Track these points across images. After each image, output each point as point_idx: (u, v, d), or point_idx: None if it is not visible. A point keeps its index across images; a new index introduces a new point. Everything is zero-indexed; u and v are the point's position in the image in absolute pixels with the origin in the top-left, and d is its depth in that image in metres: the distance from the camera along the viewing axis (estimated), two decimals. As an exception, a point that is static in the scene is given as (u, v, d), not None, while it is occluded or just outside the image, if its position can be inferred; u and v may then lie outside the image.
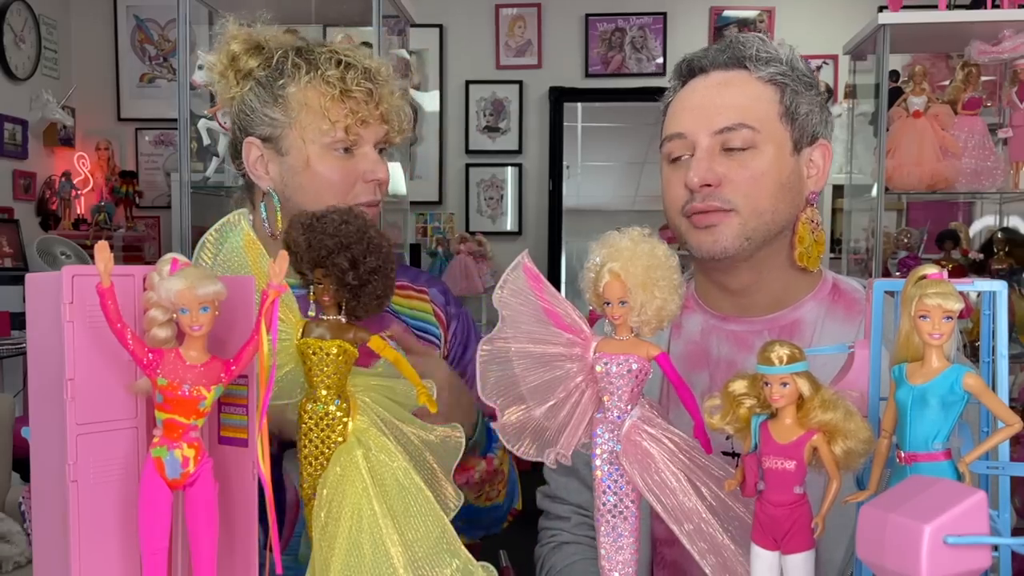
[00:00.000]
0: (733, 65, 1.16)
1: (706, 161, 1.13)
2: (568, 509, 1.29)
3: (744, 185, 1.12)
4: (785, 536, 0.71)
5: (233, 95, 1.27)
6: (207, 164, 2.66)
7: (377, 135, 1.26)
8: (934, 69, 3.16)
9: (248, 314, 0.75)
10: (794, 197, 1.16)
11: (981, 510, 0.60)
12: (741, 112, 1.13)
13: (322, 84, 1.21)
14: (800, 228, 1.17)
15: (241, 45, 1.26)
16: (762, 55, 1.15)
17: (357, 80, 1.22)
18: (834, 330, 1.16)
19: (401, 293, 1.36)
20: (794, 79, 1.16)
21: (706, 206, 1.13)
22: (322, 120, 1.21)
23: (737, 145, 1.12)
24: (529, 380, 0.80)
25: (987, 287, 0.72)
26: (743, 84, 1.15)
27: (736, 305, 1.21)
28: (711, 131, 1.14)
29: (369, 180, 1.25)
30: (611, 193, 6.97)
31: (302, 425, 0.81)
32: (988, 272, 3.03)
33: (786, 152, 1.15)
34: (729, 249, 1.13)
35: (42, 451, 0.72)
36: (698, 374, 1.20)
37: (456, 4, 5.06)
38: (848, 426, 0.69)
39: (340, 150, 1.23)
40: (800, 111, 1.15)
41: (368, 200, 1.25)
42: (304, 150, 1.22)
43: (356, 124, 1.22)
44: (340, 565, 0.75)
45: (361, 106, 1.22)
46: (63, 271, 0.68)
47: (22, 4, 4.52)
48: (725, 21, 5.04)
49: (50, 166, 4.81)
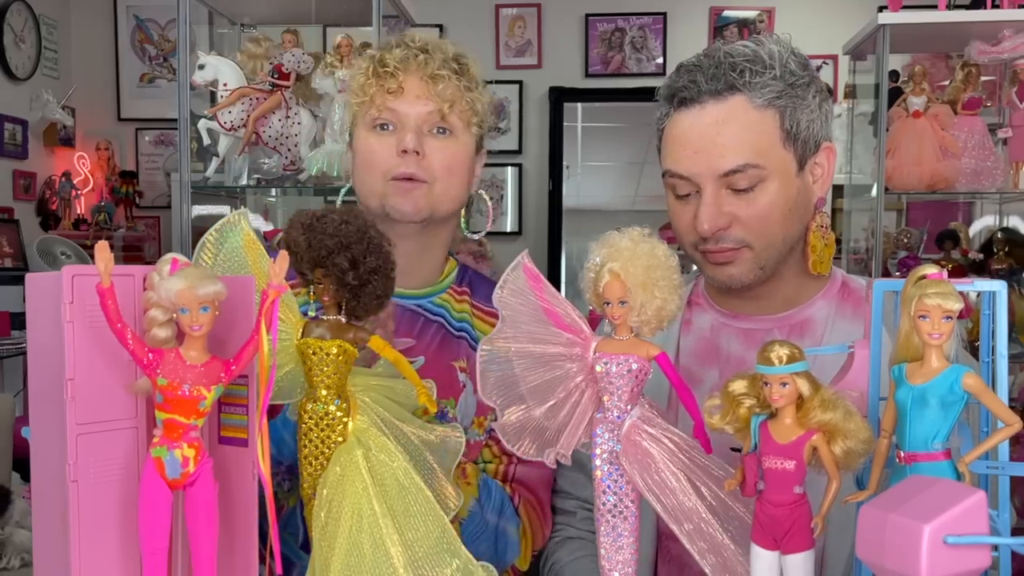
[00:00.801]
0: (727, 92, 1.10)
1: (714, 206, 1.10)
2: (574, 504, 1.29)
3: (754, 223, 1.11)
4: (785, 536, 0.71)
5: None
6: (207, 164, 2.66)
7: (420, 111, 1.19)
8: (934, 69, 3.15)
9: (248, 314, 0.75)
10: (802, 215, 1.16)
11: (981, 510, 0.60)
12: (744, 151, 1.09)
13: (364, 62, 1.22)
14: (811, 237, 1.18)
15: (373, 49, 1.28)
16: (756, 78, 1.10)
17: (398, 56, 1.19)
18: (844, 328, 1.17)
19: (490, 323, 1.30)
20: (791, 91, 1.11)
21: (718, 248, 1.13)
22: (359, 96, 1.21)
23: (744, 185, 1.10)
24: (529, 380, 0.80)
25: (987, 287, 0.72)
26: (742, 116, 1.10)
27: (747, 305, 1.22)
28: (716, 175, 1.10)
29: (400, 151, 1.19)
30: (611, 193, 6.97)
31: (302, 425, 0.80)
32: (988, 272, 3.03)
33: (791, 176, 1.13)
34: (744, 280, 1.15)
35: (42, 451, 0.72)
36: (708, 370, 1.22)
37: (456, 4, 5.05)
38: (848, 426, 0.69)
39: (378, 126, 1.21)
40: (801, 126, 1.12)
41: (402, 172, 1.18)
42: (356, 137, 1.24)
43: (385, 93, 1.19)
44: (340, 565, 0.75)
45: (390, 80, 1.19)
46: (63, 271, 0.68)
47: (22, 4, 4.52)
48: (725, 21, 5.04)
49: (50, 166, 4.81)
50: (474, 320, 1.30)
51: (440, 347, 1.24)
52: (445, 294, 1.29)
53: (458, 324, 1.27)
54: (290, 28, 2.56)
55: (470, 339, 1.27)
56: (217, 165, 2.61)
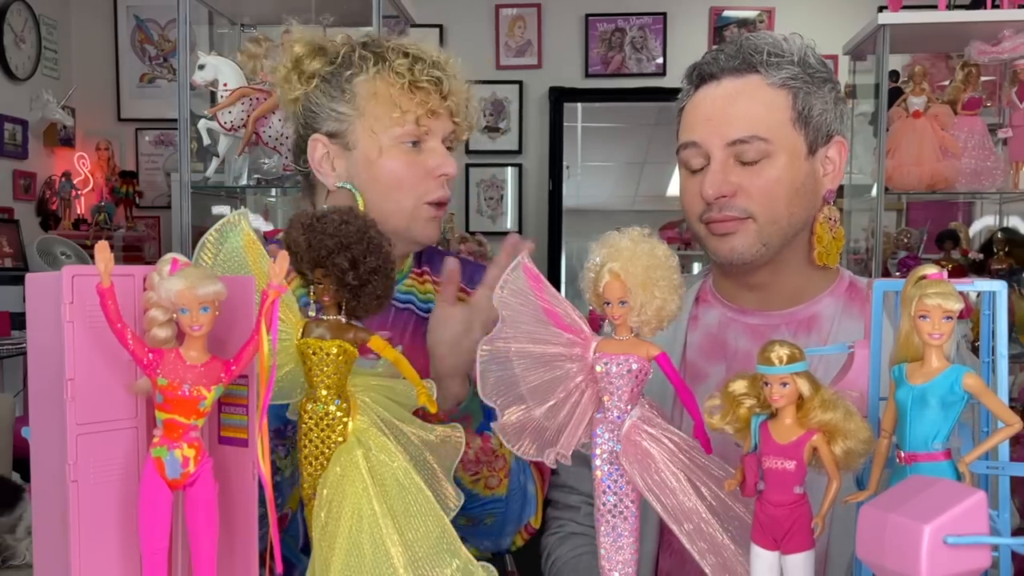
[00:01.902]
0: (744, 70, 1.16)
1: (720, 173, 1.14)
2: (578, 499, 1.29)
3: (758, 195, 1.14)
4: (785, 536, 0.71)
5: (296, 96, 1.23)
6: (207, 164, 2.66)
7: (445, 129, 1.21)
8: (934, 69, 3.15)
9: (248, 314, 0.75)
10: (810, 200, 1.17)
11: (981, 510, 0.60)
12: (753, 124, 1.13)
13: (391, 74, 1.17)
14: (818, 228, 1.18)
15: (304, 47, 1.23)
16: (773, 59, 1.15)
17: (426, 70, 1.17)
18: (850, 326, 1.18)
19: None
20: (807, 78, 1.16)
21: (722, 216, 1.15)
22: (392, 109, 1.17)
23: (750, 157, 1.13)
24: (529, 380, 0.80)
25: (987, 287, 0.72)
26: (755, 92, 1.15)
27: (754, 299, 1.23)
28: (724, 143, 1.14)
29: (438, 175, 1.20)
30: (611, 193, 6.97)
31: (302, 425, 0.81)
32: (988, 272, 3.03)
33: (800, 157, 1.15)
34: (746, 255, 1.16)
35: (42, 451, 0.72)
36: (715, 366, 1.22)
37: (456, 4, 5.05)
38: (848, 426, 0.69)
39: (408, 143, 1.18)
40: (814, 112, 1.15)
41: (438, 197, 1.20)
42: (371, 144, 1.18)
43: (426, 115, 1.18)
44: (340, 565, 0.75)
45: (431, 97, 1.18)
46: (63, 271, 0.68)
47: (22, 4, 4.52)
48: (725, 21, 5.04)
49: (50, 166, 4.81)
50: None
51: (415, 333, 1.24)
52: (408, 280, 1.29)
53: (426, 306, 1.27)
54: (290, 28, 2.55)
55: None
56: (217, 165, 2.61)
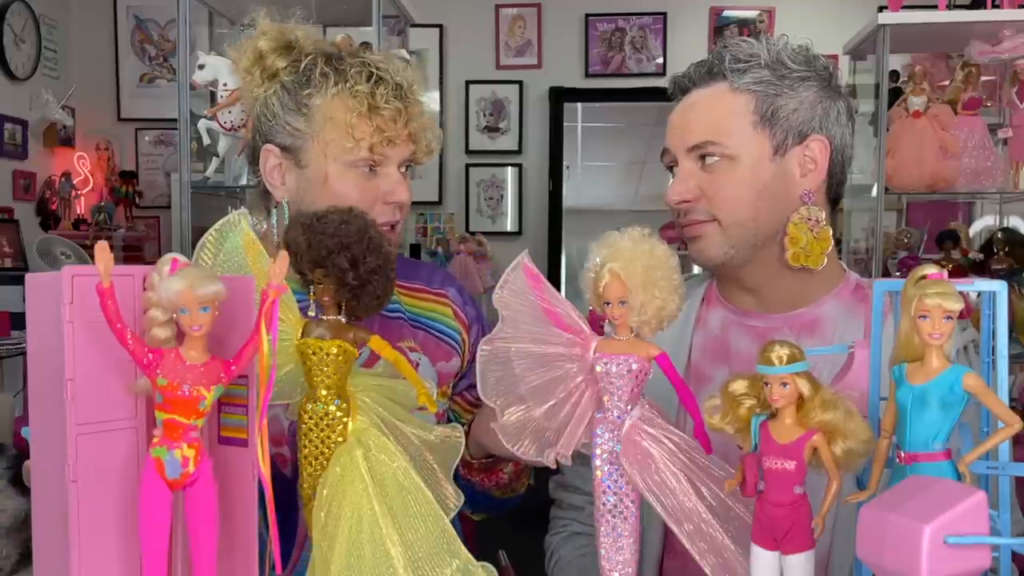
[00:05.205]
0: (711, 79, 1.20)
1: (681, 179, 1.19)
2: (582, 499, 1.29)
3: (719, 199, 1.17)
4: (785, 536, 0.71)
5: (256, 95, 1.21)
6: (207, 164, 2.66)
7: (403, 154, 1.21)
8: (934, 69, 3.15)
9: (248, 314, 0.75)
10: (778, 201, 1.17)
11: (981, 510, 0.60)
12: (707, 131, 1.17)
13: (350, 98, 1.16)
14: (791, 229, 1.17)
15: (270, 43, 1.21)
16: (739, 64, 1.17)
17: (387, 97, 1.16)
18: (855, 329, 1.17)
19: (418, 296, 1.33)
20: (776, 80, 1.16)
21: (687, 220, 1.20)
22: (346, 137, 1.15)
23: (710, 161, 1.17)
24: (529, 380, 0.80)
25: (987, 287, 0.72)
26: (715, 98, 1.18)
27: (755, 302, 1.24)
28: (684, 148, 1.19)
29: (389, 201, 1.20)
30: (611, 193, 6.97)
31: (302, 425, 0.80)
32: (988, 272, 3.02)
33: (764, 159, 1.16)
34: (714, 258, 1.19)
35: (42, 451, 0.72)
36: (718, 367, 1.22)
37: (456, 4, 5.05)
38: (848, 426, 0.69)
39: (363, 168, 1.18)
40: (781, 113, 1.16)
41: (386, 221, 1.20)
42: (324, 165, 1.17)
43: (382, 143, 1.17)
44: (340, 565, 0.75)
45: (389, 125, 1.17)
46: (63, 271, 0.68)
47: (22, 4, 4.52)
48: (725, 21, 5.04)
49: (50, 166, 4.81)
50: (402, 299, 1.32)
51: (381, 334, 1.25)
52: None
53: (389, 308, 1.27)
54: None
55: (406, 317, 1.30)
56: (217, 165, 2.61)
